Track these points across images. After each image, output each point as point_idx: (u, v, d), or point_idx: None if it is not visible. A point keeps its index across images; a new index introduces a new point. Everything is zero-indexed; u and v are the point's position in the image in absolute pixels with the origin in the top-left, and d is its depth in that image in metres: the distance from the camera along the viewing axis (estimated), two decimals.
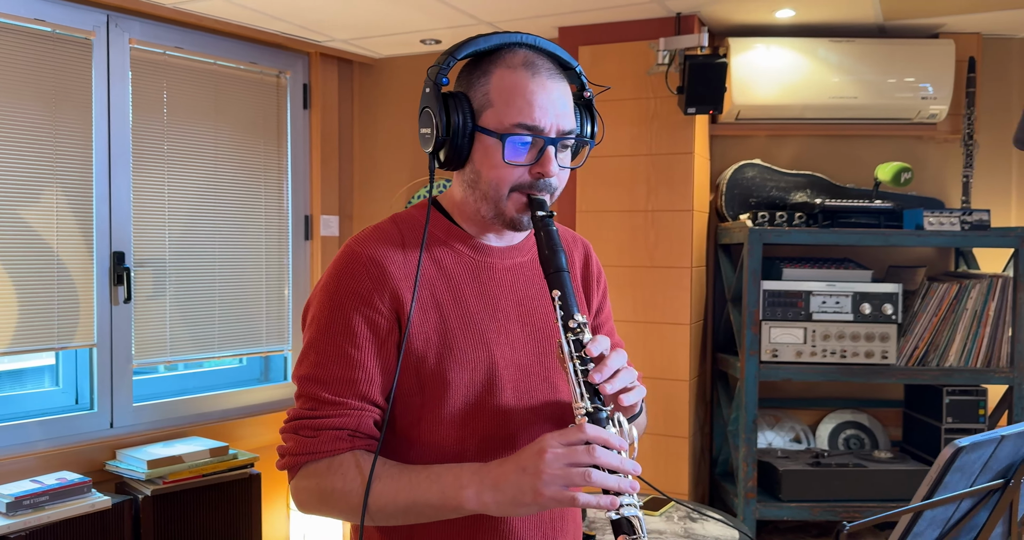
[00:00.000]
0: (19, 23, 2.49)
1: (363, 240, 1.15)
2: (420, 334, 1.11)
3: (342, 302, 1.11)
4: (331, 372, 1.09)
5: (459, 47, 1.13)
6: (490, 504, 1.01)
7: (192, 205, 2.95)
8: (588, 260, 1.32)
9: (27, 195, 2.52)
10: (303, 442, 1.09)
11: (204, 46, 2.95)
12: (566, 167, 1.14)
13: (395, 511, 1.05)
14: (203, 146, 2.98)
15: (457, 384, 1.11)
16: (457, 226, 1.19)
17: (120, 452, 2.65)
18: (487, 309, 1.16)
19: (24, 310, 2.51)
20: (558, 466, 0.96)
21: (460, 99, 1.11)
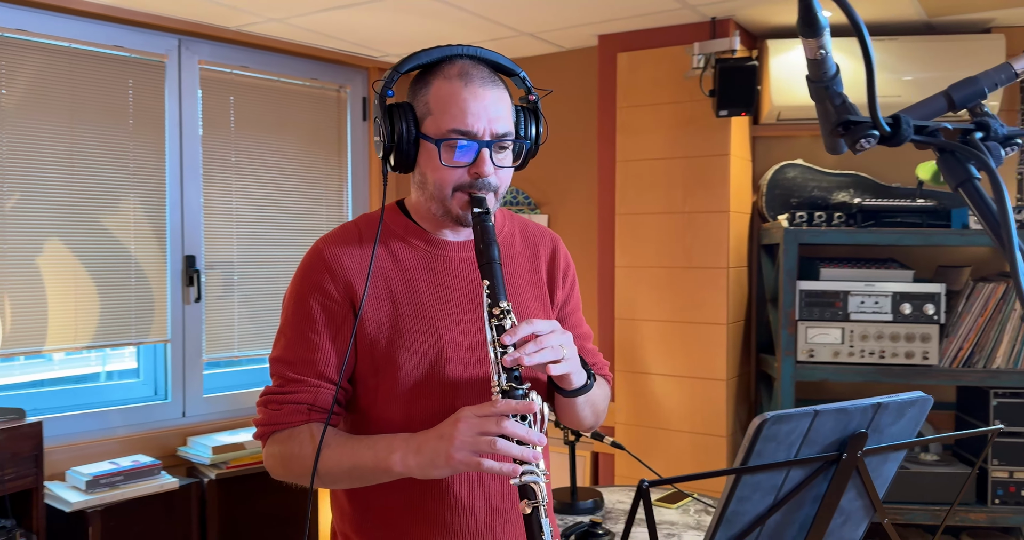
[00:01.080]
0: (100, 49, 2.77)
1: (325, 238, 1.29)
2: (373, 321, 1.23)
3: (303, 293, 1.25)
4: (295, 354, 1.24)
5: (404, 62, 1.23)
6: (412, 466, 1.13)
7: (257, 211, 3.19)
8: (555, 254, 1.41)
9: (108, 204, 2.80)
10: (270, 414, 1.24)
11: (268, 64, 3.19)
12: (505, 167, 1.24)
13: (340, 474, 1.19)
14: (267, 157, 3.21)
15: (406, 366, 1.23)
16: (416, 224, 1.31)
17: (190, 439, 2.89)
18: (439, 297, 1.27)
19: (105, 308, 2.79)
20: (469, 434, 1.08)
21: (405, 109, 1.22)
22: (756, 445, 0.74)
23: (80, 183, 2.72)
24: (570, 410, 1.30)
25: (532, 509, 1.07)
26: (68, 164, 2.70)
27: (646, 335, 2.99)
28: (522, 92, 1.30)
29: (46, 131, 2.65)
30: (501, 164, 1.23)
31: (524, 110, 1.29)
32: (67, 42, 2.70)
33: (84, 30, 2.70)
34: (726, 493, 0.76)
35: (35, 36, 2.63)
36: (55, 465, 2.57)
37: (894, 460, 0.86)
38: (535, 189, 3.40)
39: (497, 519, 1.28)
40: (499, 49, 3.21)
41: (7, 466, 2.22)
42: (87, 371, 3.00)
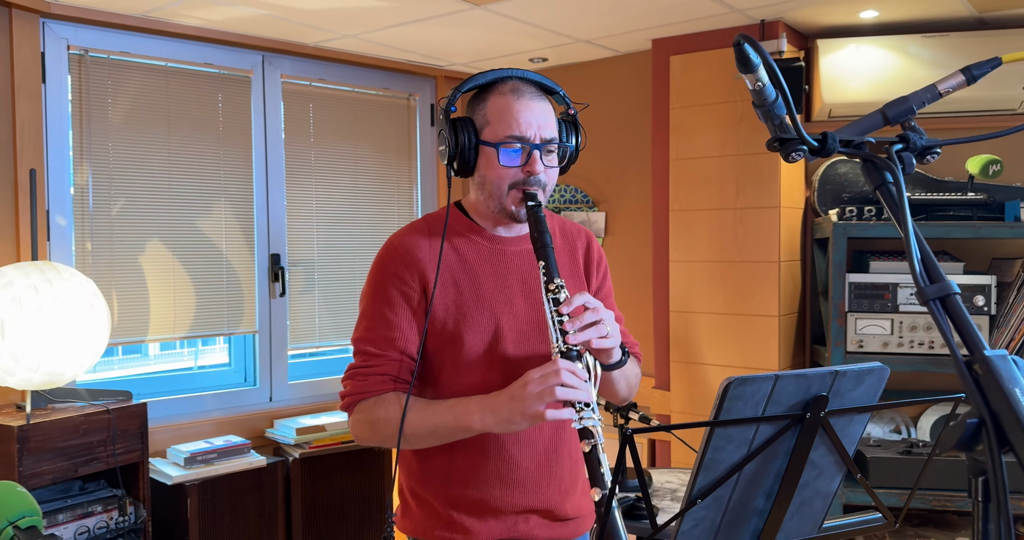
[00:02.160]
0: (193, 67, 3.06)
1: (399, 234, 1.52)
2: (441, 304, 1.46)
3: (382, 280, 1.48)
4: (376, 333, 1.46)
5: (463, 83, 1.46)
6: (491, 424, 1.35)
7: (335, 212, 3.45)
8: (589, 247, 1.63)
9: (201, 207, 3.09)
10: (357, 385, 1.46)
11: (343, 76, 3.44)
12: (552, 167, 1.47)
13: (423, 433, 1.41)
14: (344, 162, 3.47)
15: (469, 342, 1.45)
16: (474, 222, 1.53)
17: (276, 421, 3.16)
18: (496, 285, 1.49)
19: (200, 302, 3.09)
20: (535, 390, 1.28)
21: (466, 122, 1.45)
22: (725, 403, 0.89)
23: (177, 189, 3.02)
24: (608, 382, 1.50)
25: (591, 447, 1.26)
26: (166, 172, 3.00)
27: (700, 327, 3.11)
28: (562, 107, 1.51)
29: (147, 142, 2.95)
30: (548, 165, 1.46)
31: (564, 122, 1.51)
32: (164, 61, 2.99)
33: (178, 50, 3.00)
34: (703, 444, 0.92)
35: (137, 57, 2.93)
36: (157, 443, 2.86)
37: (859, 422, 0.99)
38: (593, 188, 3.56)
39: (543, 474, 1.48)
40: (557, 56, 3.39)
41: (118, 441, 2.51)
42: (181, 365, 3.31)
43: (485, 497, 1.46)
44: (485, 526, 1.47)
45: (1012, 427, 0.66)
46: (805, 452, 0.96)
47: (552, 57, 3.45)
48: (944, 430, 0.74)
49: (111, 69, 2.88)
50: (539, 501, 1.48)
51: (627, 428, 0.87)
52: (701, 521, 0.97)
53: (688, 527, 0.97)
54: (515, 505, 1.47)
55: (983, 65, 0.83)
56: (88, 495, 2.54)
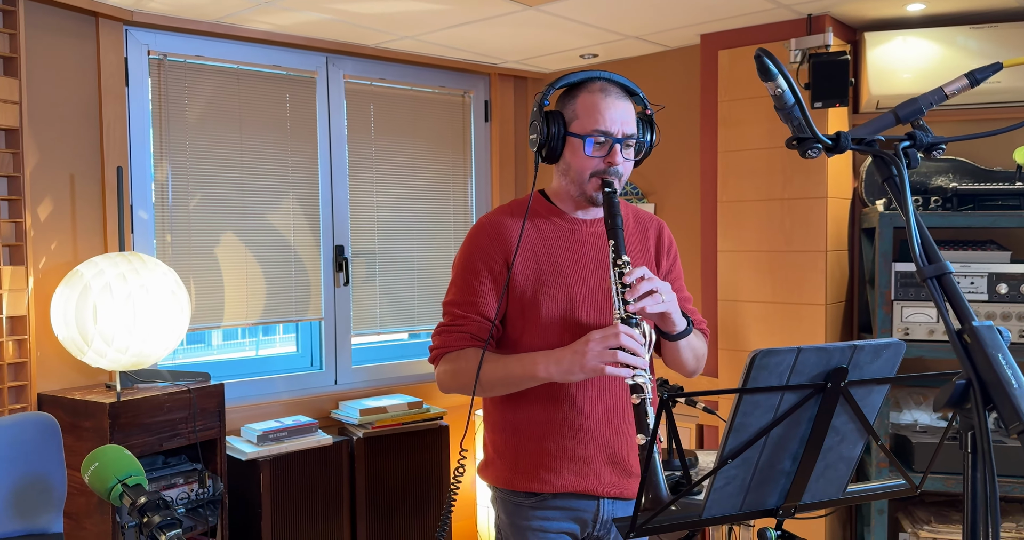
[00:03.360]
0: (262, 69, 3.25)
1: (488, 215, 1.74)
2: (521, 275, 1.65)
3: (471, 252, 1.68)
4: (462, 297, 1.67)
5: (556, 81, 1.66)
6: (553, 373, 1.54)
7: (395, 206, 3.61)
8: (660, 233, 1.81)
9: (271, 202, 3.28)
10: (443, 340, 1.67)
11: (402, 75, 3.60)
12: (629, 160, 1.66)
13: (496, 381, 1.60)
14: (402, 157, 3.63)
15: (546, 309, 1.64)
16: (555, 206, 1.72)
17: (341, 403, 3.35)
18: (572, 260, 1.67)
19: (270, 291, 3.28)
20: (596, 348, 1.47)
21: (556, 115, 1.65)
22: (752, 372, 1.01)
23: (248, 184, 3.21)
24: (674, 352, 1.67)
25: (640, 400, 1.44)
26: (239, 168, 3.19)
27: (748, 316, 3.19)
28: (640, 107, 1.70)
29: (221, 141, 3.15)
30: (627, 158, 1.65)
31: (642, 121, 1.71)
32: (235, 64, 3.18)
33: (249, 53, 3.18)
34: (732, 409, 1.03)
35: (211, 60, 3.13)
36: (233, 422, 3.06)
37: (878, 393, 1.09)
38: (643, 180, 3.65)
39: (611, 430, 1.66)
40: (606, 52, 3.49)
41: (198, 419, 2.71)
42: (251, 354, 3.52)
43: (558, 448, 1.64)
44: (559, 477, 1.64)
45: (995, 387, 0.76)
46: (827, 419, 1.06)
47: (602, 53, 3.55)
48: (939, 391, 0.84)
49: (187, 72, 3.08)
50: (607, 452, 1.65)
51: (664, 393, 0.99)
52: (732, 480, 1.08)
53: (720, 484, 1.08)
54: (586, 455, 1.64)
55: (985, 70, 0.92)
56: (171, 468, 2.75)
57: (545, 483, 1.64)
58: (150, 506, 1.40)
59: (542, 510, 1.66)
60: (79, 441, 2.51)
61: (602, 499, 1.68)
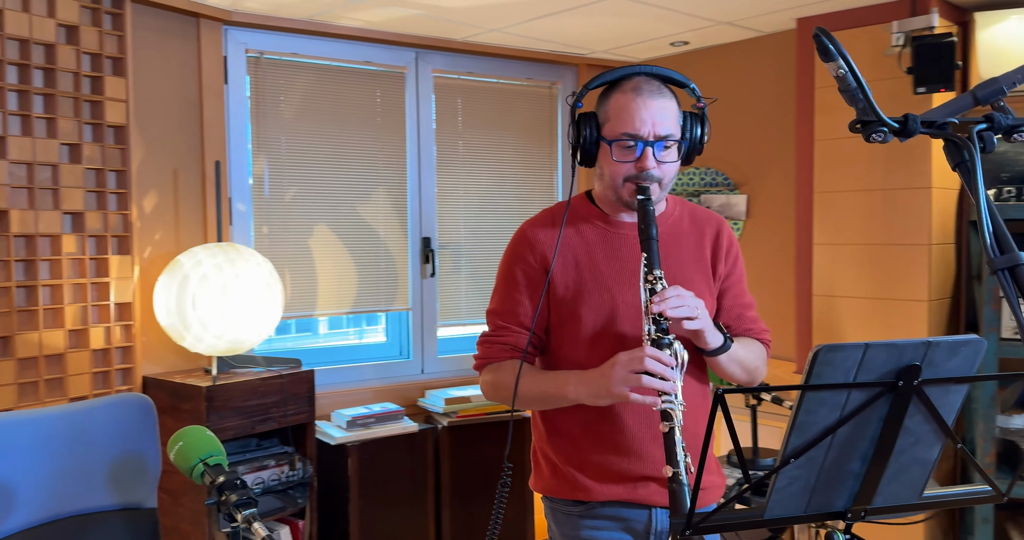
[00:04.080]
0: (354, 65, 3.33)
1: (529, 221, 1.68)
2: (561, 283, 1.59)
3: (511, 263, 1.65)
4: (503, 307, 1.64)
5: (592, 80, 1.58)
6: (582, 395, 1.49)
7: (482, 198, 3.64)
8: (719, 234, 1.69)
9: (361, 194, 3.36)
10: (485, 351, 1.64)
11: (490, 68, 3.61)
12: (668, 162, 1.54)
13: (531, 398, 1.57)
14: (489, 149, 3.65)
15: (586, 319, 1.57)
16: (598, 208, 1.65)
17: (427, 391, 3.40)
18: (615, 266, 1.59)
19: (360, 281, 3.36)
20: (622, 373, 1.40)
21: (590, 117, 1.57)
22: (815, 368, 0.96)
23: (340, 177, 3.30)
24: (717, 366, 1.58)
25: (669, 428, 1.37)
26: (331, 162, 3.28)
27: (844, 312, 3.06)
28: (693, 100, 1.58)
29: (314, 135, 3.25)
30: (665, 160, 1.53)
31: (691, 115, 1.58)
32: (328, 61, 3.27)
33: (341, 50, 3.27)
34: (795, 406, 0.99)
35: (305, 58, 3.23)
36: (323, 407, 3.16)
37: (956, 392, 1.02)
38: (734, 170, 3.55)
39: (656, 445, 1.56)
40: (698, 39, 3.41)
41: (289, 403, 2.81)
42: (345, 343, 3.62)
43: (604, 462, 1.58)
44: (606, 488, 1.58)
45: None
46: (899, 419, 1.00)
47: (693, 40, 3.47)
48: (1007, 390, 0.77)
49: (283, 69, 3.19)
50: (654, 469, 1.57)
51: (719, 388, 0.96)
52: (795, 480, 1.04)
53: (783, 484, 1.04)
54: (631, 472, 1.57)
55: None
56: (264, 451, 2.86)
57: (592, 492, 1.58)
58: (228, 485, 1.46)
59: (591, 519, 1.60)
60: (178, 422, 2.65)
61: (654, 509, 1.59)
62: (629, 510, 1.59)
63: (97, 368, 2.65)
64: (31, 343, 2.47)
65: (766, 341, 1.70)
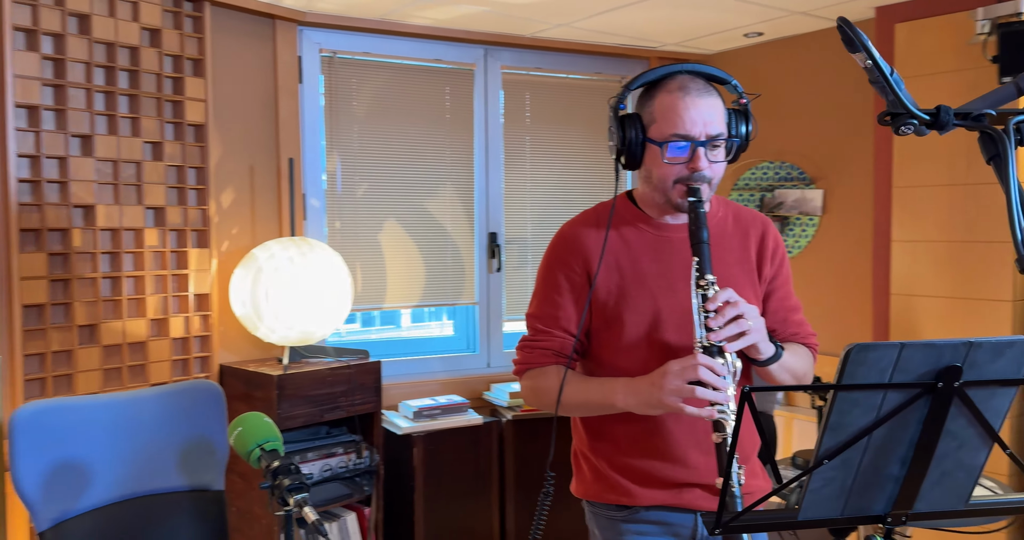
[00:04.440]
0: (424, 63, 3.38)
1: (570, 222, 1.64)
2: (603, 287, 1.56)
3: (552, 265, 1.62)
4: (544, 311, 1.60)
5: (632, 81, 1.53)
6: (632, 405, 1.45)
7: (549, 193, 3.64)
8: (764, 236, 1.64)
9: (429, 190, 3.41)
10: (525, 356, 1.62)
11: (558, 64, 3.61)
12: (719, 161, 1.50)
13: (575, 405, 1.54)
14: (557, 145, 3.65)
15: (629, 324, 1.54)
16: (642, 211, 1.61)
17: (493, 385, 3.44)
18: (660, 271, 1.56)
19: (428, 275, 3.42)
20: (673, 383, 1.37)
21: (633, 119, 1.52)
22: (847, 368, 0.93)
23: (409, 173, 3.36)
24: (766, 375, 1.53)
25: (722, 439, 1.34)
26: (401, 158, 3.35)
27: (924, 311, 2.94)
28: (733, 97, 1.54)
29: (385, 132, 3.32)
30: (714, 160, 1.49)
31: (735, 112, 1.54)
32: (399, 59, 3.33)
33: (411, 48, 3.32)
34: (828, 406, 0.96)
35: (376, 56, 3.30)
36: (391, 398, 3.23)
37: (1003, 395, 0.98)
38: (810, 164, 3.45)
39: (700, 453, 1.54)
40: (771, 29, 3.33)
41: (356, 393, 2.88)
42: (409, 336, 3.69)
43: (647, 467, 1.55)
44: (650, 493, 1.55)
45: None
46: (940, 422, 0.97)
47: (767, 31, 3.38)
48: None
49: (355, 68, 3.27)
50: (698, 477, 1.53)
51: (747, 387, 0.94)
52: (830, 482, 1.02)
53: (817, 486, 1.02)
54: (675, 478, 1.54)
55: None
56: (332, 438, 2.95)
57: (635, 496, 1.55)
58: (282, 470, 1.51)
59: (635, 524, 1.57)
60: (251, 409, 2.74)
61: (700, 513, 1.55)
62: (674, 514, 1.56)
63: (177, 356, 2.78)
64: (115, 331, 2.61)
65: (813, 345, 1.65)
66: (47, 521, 1.81)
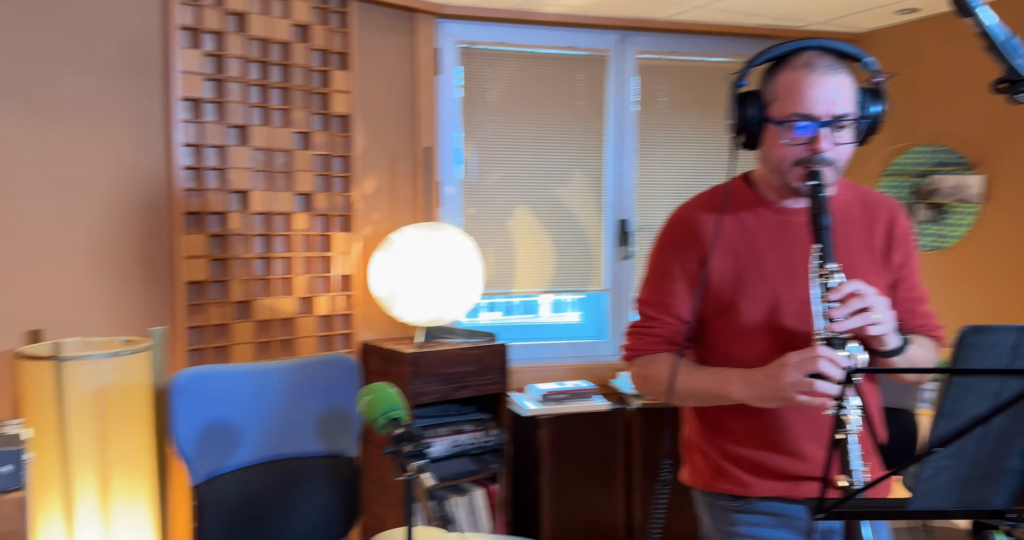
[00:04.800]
0: (557, 51, 3.41)
1: (684, 205, 1.61)
2: (718, 273, 1.52)
3: (663, 250, 1.59)
4: (655, 297, 1.58)
5: (756, 56, 1.48)
6: (747, 397, 1.41)
7: (683, 179, 3.59)
8: (893, 221, 1.55)
9: (559, 177, 3.45)
10: (635, 342, 1.60)
11: (695, 47, 3.54)
12: (844, 143, 1.42)
13: (687, 395, 1.51)
14: (691, 130, 3.58)
15: (745, 312, 1.49)
16: (760, 194, 1.55)
17: (620, 373, 3.44)
18: (779, 257, 1.50)
19: (558, 262, 3.46)
20: (792, 376, 1.32)
21: (754, 96, 1.46)
22: (961, 352, 0.89)
23: (540, 160, 3.41)
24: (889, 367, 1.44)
25: (844, 435, 1.28)
26: (532, 146, 3.40)
27: None
28: (866, 75, 1.46)
29: (518, 121, 3.38)
30: (840, 141, 1.41)
31: (868, 91, 1.45)
32: (534, 48, 3.38)
33: (546, 37, 3.36)
34: (941, 391, 0.92)
35: (511, 46, 3.36)
36: (517, 381, 3.30)
37: None
38: (970, 148, 3.21)
39: (818, 446, 1.48)
40: (930, 4, 3.14)
41: (484, 374, 2.97)
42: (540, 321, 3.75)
43: (762, 459, 1.51)
44: (765, 484, 1.51)
45: None
46: None
47: (924, 7, 3.18)
48: None
49: (490, 59, 3.35)
50: (816, 470, 1.48)
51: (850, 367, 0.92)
52: (943, 471, 0.97)
53: (929, 475, 0.97)
54: (791, 471, 1.49)
55: None
56: (462, 416, 3.05)
57: (750, 487, 1.51)
58: (404, 437, 1.60)
59: (749, 515, 1.52)
60: None
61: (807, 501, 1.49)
62: (790, 506, 1.51)
63: (322, 333, 2.97)
64: (266, 308, 2.82)
65: (940, 338, 1.56)
66: (200, 476, 1.99)
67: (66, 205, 2.45)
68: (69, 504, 2.10)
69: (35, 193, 2.39)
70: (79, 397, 2.10)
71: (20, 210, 2.37)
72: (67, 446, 2.09)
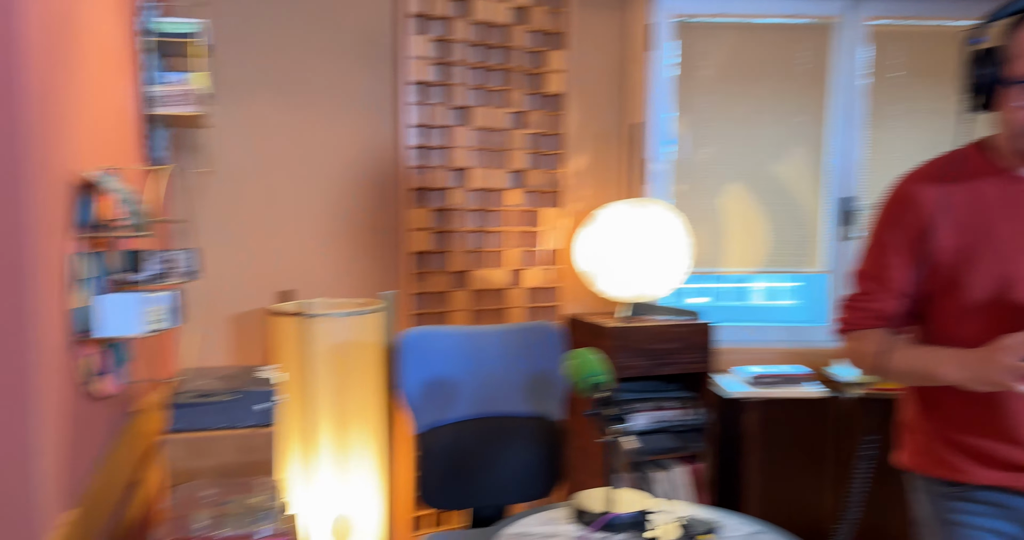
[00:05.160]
0: (779, 20, 3.28)
1: (906, 176, 1.52)
2: (943, 248, 1.43)
3: (885, 221, 1.52)
4: (873, 271, 1.52)
5: (999, 10, 1.35)
6: (959, 379, 1.34)
7: (919, 157, 3.32)
8: None
9: (775, 153, 3.32)
10: (849, 317, 1.55)
11: (938, 10, 3.25)
12: None
13: (899, 373, 1.46)
14: (934, 102, 3.30)
15: (971, 288, 1.40)
16: (995, 162, 1.42)
17: (833, 360, 3.27)
18: (1013, 229, 1.38)
19: (772, 240, 3.34)
20: (1008, 359, 1.24)
21: (990, 54, 1.34)
22: None
23: (756, 136, 3.30)
24: None
25: None
26: (747, 121, 3.30)
27: None
28: None
29: (732, 95, 3.29)
30: None
31: None
32: (753, 18, 3.27)
33: (768, 5, 3.24)
34: None
35: (729, 17, 3.27)
36: (728, 362, 3.24)
37: None
38: None
39: None
40: None
41: (687, 352, 2.95)
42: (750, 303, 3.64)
43: (982, 445, 1.42)
44: (985, 472, 1.42)
45: None
46: None
47: None
48: None
49: (707, 31, 3.28)
50: None
51: None
52: None
53: None
54: (1016, 461, 1.39)
55: None
56: (663, 393, 3.05)
57: (969, 473, 1.42)
58: (605, 401, 1.65)
59: (966, 502, 1.44)
60: None
61: None
62: (1013, 498, 1.41)
63: (529, 304, 3.09)
64: (480, 278, 2.98)
65: None
66: (424, 425, 2.17)
67: (311, 180, 2.74)
68: (308, 443, 2.37)
69: (285, 169, 2.70)
70: (320, 350, 2.36)
71: (273, 185, 2.69)
72: (309, 393, 2.36)
